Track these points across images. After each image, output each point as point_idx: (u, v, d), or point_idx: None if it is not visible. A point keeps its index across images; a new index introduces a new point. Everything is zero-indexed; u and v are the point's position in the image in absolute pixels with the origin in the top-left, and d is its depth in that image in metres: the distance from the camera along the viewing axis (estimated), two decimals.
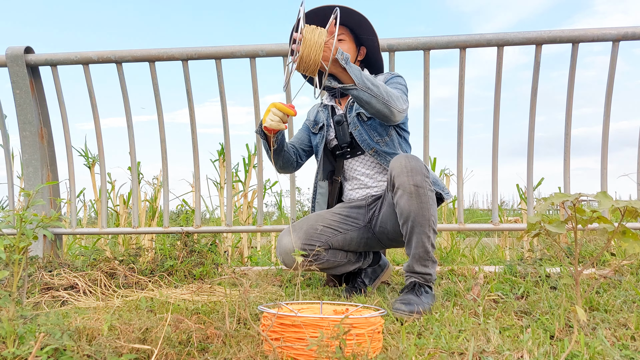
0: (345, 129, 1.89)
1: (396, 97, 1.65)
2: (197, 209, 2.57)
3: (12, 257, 1.10)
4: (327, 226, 1.81)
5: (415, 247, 1.59)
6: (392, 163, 1.62)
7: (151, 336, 1.12)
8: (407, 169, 1.56)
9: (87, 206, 4.00)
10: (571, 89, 2.35)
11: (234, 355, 1.08)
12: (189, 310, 1.56)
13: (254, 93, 2.48)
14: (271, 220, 5.42)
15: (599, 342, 1.12)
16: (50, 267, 2.16)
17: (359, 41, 1.91)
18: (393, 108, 1.62)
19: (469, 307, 1.57)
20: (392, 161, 1.63)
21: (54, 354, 0.99)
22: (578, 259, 1.93)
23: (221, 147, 3.21)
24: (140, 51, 2.45)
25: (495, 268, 2.26)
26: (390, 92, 1.63)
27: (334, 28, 1.67)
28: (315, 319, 1.05)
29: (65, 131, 2.63)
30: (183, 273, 2.18)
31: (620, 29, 2.25)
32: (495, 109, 2.41)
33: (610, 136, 2.39)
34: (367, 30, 1.85)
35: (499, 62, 2.35)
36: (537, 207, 1.40)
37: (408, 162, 1.57)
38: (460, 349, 1.14)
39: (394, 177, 1.59)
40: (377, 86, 1.58)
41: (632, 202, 1.26)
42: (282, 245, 1.77)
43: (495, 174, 2.44)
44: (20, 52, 2.46)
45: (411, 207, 1.55)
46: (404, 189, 1.56)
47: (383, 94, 1.59)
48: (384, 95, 1.59)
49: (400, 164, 1.58)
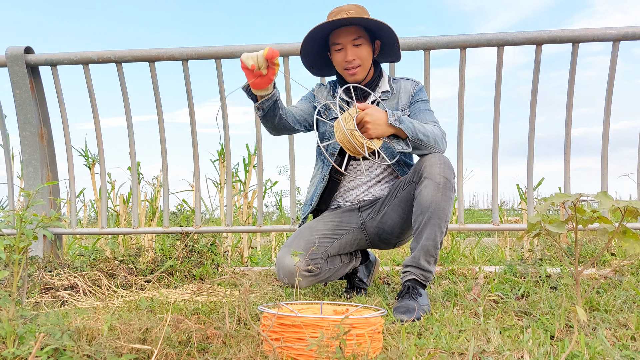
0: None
1: (440, 140, 1.70)
2: (197, 209, 2.57)
3: (12, 257, 1.10)
4: (323, 236, 1.80)
5: (426, 238, 1.59)
6: (423, 157, 1.67)
7: (151, 336, 1.12)
8: (441, 161, 1.62)
9: (87, 206, 4.00)
10: (571, 89, 2.35)
11: (234, 355, 1.08)
12: (189, 311, 1.56)
13: None
14: (271, 220, 5.43)
15: (599, 342, 1.12)
16: (50, 267, 2.16)
17: (373, 36, 1.82)
18: (437, 151, 1.69)
19: (469, 307, 1.57)
20: (424, 157, 1.68)
21: (54, 354, 0.99)
22: (578, 259, 1.93)
23: (221, 147, 3.21)
24: (140, 51, 2.45)
25: (495, 268, 2.25)
26: (437, 137, 1.68)
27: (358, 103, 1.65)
28: (315, 319, 1.04)
29: (65, 131, 2.63)
30: (183, 273, 2.18)
31: (620, 29, 2.25)
32: (495, 109, 2.40)
33: (610, 136, 2.39)
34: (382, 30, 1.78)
35: (499, 62, 2.35)
36: (537, 207, 1.39)
37: (442, 158, 1.64)
38: (460, 349, 1.14)
39: (424, 168, 1.62)
40: (427, 135, 1.65)
41: (633, 202, 1.26)
42: (285, 266, 1.68)
43: (496, 174, 2.44)
44: (20, 52, 2.46)
45: (435, 197, 1.58)
46: (432, 178, 1.59)
47: (432, 142, 1.67)
48: (432, 143, 1.67)
49: (435, 156, 1.64)
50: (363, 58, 1.76)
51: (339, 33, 1.76)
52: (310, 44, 1.80)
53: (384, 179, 1.90)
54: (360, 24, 1.76)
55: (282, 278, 1.71)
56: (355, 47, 1.75)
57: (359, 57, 1.75)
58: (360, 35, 1.75)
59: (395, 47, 1.83)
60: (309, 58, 1.87)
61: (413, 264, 1.63)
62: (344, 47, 1.75)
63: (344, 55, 1.76)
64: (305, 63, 1.89)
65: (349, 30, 1.75)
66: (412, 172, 1.71)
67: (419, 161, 1.69)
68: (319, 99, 1.94)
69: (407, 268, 1.64)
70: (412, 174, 1.70)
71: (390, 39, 1.79)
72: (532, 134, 2.41)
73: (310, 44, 1.80)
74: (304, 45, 1.80)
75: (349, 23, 1.74)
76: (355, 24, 1.75)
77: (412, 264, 1.63)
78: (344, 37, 1.75)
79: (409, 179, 1.72)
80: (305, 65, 1.90)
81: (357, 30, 1.76)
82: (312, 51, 1.84)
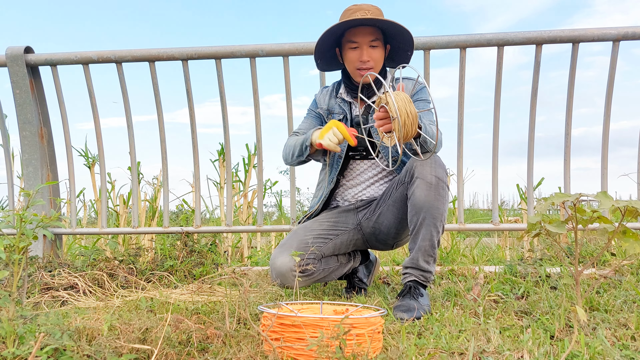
0: (363, 133, 1.84)
1: (439, 143, 1.69)
2: (197, 209, 2.57)
3: (12, 257, 1.10)
4: (317, 237, 1.80)
5: (422, 239, 1.59)
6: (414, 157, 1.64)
7: (151, 336, 1.12)
8: (432, 160, 1.61)
9: (87, 206, 4.00)
10: (571, 89, 2.35)
11: (234, 355, 1.08)
12: (189, 311, 1.56)
13: (254, 93, 2.48)
14: (271, 220, 5.42)
15: (599, 342, 1.12)
16: (50, 267, 2.15)
17: (385, 39, 1.82)
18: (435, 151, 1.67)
19: (469, 307, 1.57)
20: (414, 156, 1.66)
21: (54, 354, 0.99)
22: (578, 259, 1.93)
23: (221, 147, 3.21)
24: (140, 51, 2.45)
25: (495, 268, 2.25)
26: (440, 142, 1.68)
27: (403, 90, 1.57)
28: (315, 319, 1.04)
29: (65, 131, 2.62)
30: (183, 273, 2.18)
31: (620, 29, 2.25)
32: (495, 109, 2.40)
33: (610, 136, 2.39)
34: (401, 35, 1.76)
35: (499, 62, 2.35)
36: (537, 207, 1.39)
37: (433, 156, 1.62)
38: (460, 349, 1.14)
39: (415, 168, 1.61)
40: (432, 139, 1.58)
41: (633, 202, 1.26)
42: (277, 266, 1.69)
43: (496, 174, 2.44)
44: (20, 52, 2.46)
45: (428, 197, 1.57)
46: (424, 178, 1.58)
47: (430, 148, 1.63)
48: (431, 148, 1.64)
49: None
50: (377, 60, 1.76)
51: (357, 32, 1.74)
52: (328, 37, 1.78)
53: (382, 179, 1.90)
54: (382, 27, 1.75)
55: (274, 279, 1.72)
56: (371, 48, 1.75)
57: (373, 58, 1.75)
58: (377, 37, 1.75)
59: (408, 54, 1.82)
60: (319, 51, 1.85)
61: (412, 265, 1.63)
62: (360, 47, 1.74)
63: (359, 54, 1.74)
64: (316, 56, 1.87)
65: (367, 31, 1.74)
66: (404, 172, 1.70)
67: (410, 161, 1.68)
68: (321, 104, 1.95)
69: (407, 270, 1.64)
70: (404, 174, 1.70)
71: (405, 44, 1.78)
72: (532, 133, 2.41)
73: (329, 37, 1.78)
74: (321, 39, 1.77)
75: (372, 24, 1.72)
76: (377, 26, 1.74)
77: (411, 265, 1.63)
78: (362, 37, 1.73)
79: (401, 179, 1.72)
80: (315, 58, 1.88)
81: (375, 32, 1.75)
82: (324, 46, 1.83)
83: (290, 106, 2.47)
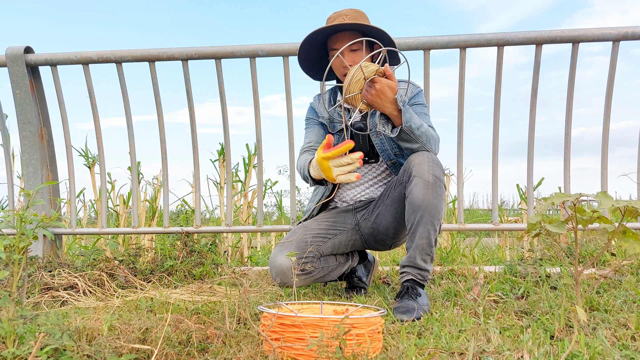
0: (365, 137, 1.84)
1: (434, 142, 1.69)
2: (197, 209, 2.57)
3: (12, 257, 1.10)
4: (316, 236, 1.80)
5: (419, 237, 1.59)
6: (412, 156, 1.65)
7: (151, 336, 1.12)
8: (429, 160, 1.61)
9: (87, 206, 4.00)
10: (571, 89, 2.35)
11: (234, 355, 1.08)
12: (189, 311, 1.56)
13: (254, 93, 2.48)
14: (271, 220, 5.43)
15: (599, 342, 1.12)
16: (50, 267, 2.15)
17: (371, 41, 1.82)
18: (427, 149, 1.67)
19: (469, 307, 1.57)
20: (412, 155, 1.65)
21: (54, 354, 0.99)
22: (578, 259, 1.93)
23: (221, 147, 3.21)
24: (140, 51, 2.45)
25: (495, 268, 2.26)
26: (429, 137, 1.67)
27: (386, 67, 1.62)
28: (315, 319, 1.04)
29: (65, 131, 2.62)
30: (183, 273, 2.18)
31: (620, 29, 2.25)
32: (495, 109, 2.40)
33: (610, 136, 2.39)
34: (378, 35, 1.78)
35: (499, 62, 2.35)
36: (537, 207, 1.39)
37: (430, 156, 1.62)
38: (460, 349, 1.14)
39: (413, 167, 1.61)
40: (420, 131, 1.63)
41: (632, 202, 1.26)
42: (277, 265, 1.69)
43: (495, 174, 2.44)
44: (20, 52, 2.46)
45: (426, 195, 1.57)
46: (421, 176, 1.58)
47: (423, 139, 1.65)
48: (423, 140, 1.65)
49: (422, 155, 1.62)
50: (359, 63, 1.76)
51: (336, 38, 1.77)
52: (308, 48, 1.81)
53: (381, 180, 1.90)
54: (356, 30, 1.75)
55: (274, 277, 1.72)
56: (353, 52, 1.75)
57: (355, 62, 1.74)
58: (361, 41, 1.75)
59: (394, 52, 1.82)
60: (307, 62, 1.87)
61: (409, 263, 1.63)
62: (341, 53, 1.75)
63: (341, 60, 1.76)
64: (303, 67, 1.89)
65: (346, 36, 1.75)
66: (402, 172, 1.71)
67: (407, 160, 1.68)
68: (322, 113, 1.95)
69: (404, 268, 1.64)
70: (402, 174, 1.70)
71: (388, 44, 1.78)
72: (532, 133, 2.41)
73: (309, 49, 1.81)
74: (301, 50, 1.80)
75: (342, 29, 1.74)
76: (350, 30, 1.75)
77: (408, 263, 1.63)
78: (341, 43, 1.75)
79: (399, 179, 1.72)
80: (303, 69, 1.90)
81: (354, 36, 1.75)
82: (311, 56, 1.85)
83: (290, 106, 2.47)
